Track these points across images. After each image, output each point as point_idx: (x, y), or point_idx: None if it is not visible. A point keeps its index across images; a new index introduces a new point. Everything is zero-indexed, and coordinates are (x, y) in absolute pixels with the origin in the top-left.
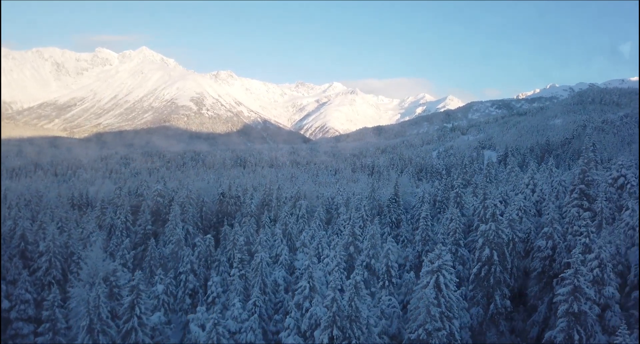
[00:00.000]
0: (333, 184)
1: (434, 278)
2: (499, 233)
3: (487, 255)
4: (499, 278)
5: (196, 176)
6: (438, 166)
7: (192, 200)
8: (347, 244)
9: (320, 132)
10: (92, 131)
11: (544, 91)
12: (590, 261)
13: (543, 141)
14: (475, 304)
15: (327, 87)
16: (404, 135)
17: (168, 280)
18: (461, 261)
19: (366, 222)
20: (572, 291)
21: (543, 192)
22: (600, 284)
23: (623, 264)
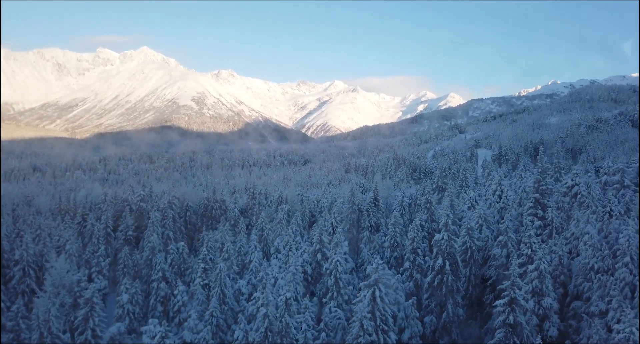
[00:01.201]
0: (324, 186)
1: (370, 292)
2: (451, 243)
3: (440, 264)
4: (452, 286)
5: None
6: (432, 166)
7: (175, 205)
8: (315, 252)
9: (322, 131)
10: (94, 131)
11: (545, 87)
12: (530, 272)
13: (537, 139)
14: (429, 313)
15: (328, 86)
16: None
17: (133, 289)
18: (419, 270)
19: (336, 228)
20: (509, 303)
21: (508, 198)
22: (539, 295)
23: (565, 275)
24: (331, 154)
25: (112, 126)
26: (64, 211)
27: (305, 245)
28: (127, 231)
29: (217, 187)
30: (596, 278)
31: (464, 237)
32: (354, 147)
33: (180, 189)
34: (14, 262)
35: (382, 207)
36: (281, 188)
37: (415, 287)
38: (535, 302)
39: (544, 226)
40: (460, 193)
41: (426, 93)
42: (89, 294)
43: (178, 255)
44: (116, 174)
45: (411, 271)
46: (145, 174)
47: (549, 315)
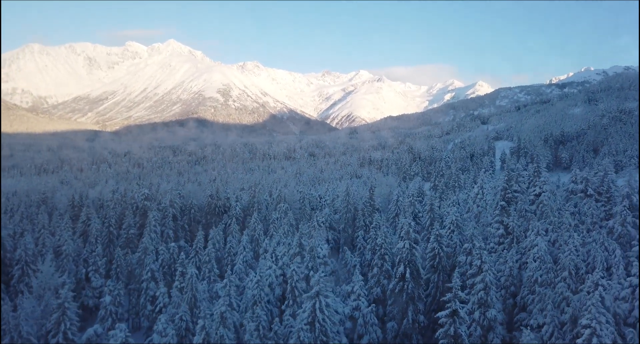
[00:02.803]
0: (335, 181)
1: (311, 303)
2: (412, 251)
3: (401, 272)
4: (412, 294)
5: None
6: (448, 159)
7: (176, 204)
8: (294, 255)
9: (346, 121)
10: (123, 123)
11: (577, 75)
12: (477, 283)
13: (558, 132)
14: (392, 319)
15: (353, 76)
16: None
17: (116, 291)
18: (387, 275)
19: (318, 232)
20: (450, 314)
21: (486, 203)
22: (485, 306)
23: (516, 286)
24: (351, 146)
25: (141, 118)
26: (77, 208)
27: (283, 248)
28: (129, 230)
29: (229, 181)
30: (537, 291)
31: (432, 243)
32: (375, 138)
33: (187, 186)
34: (15, 261)
35: (380, 205)
36: (292, 183)
37: (383, 293)
38: (481, 313)
39: (506, 234)
40: (458, 192)
41: (453, 82)
42: (61, 300)
43: (169, 255)
44: (140, 167)
45: (378, 277)
46: (169, 167)
47: (494, 326)
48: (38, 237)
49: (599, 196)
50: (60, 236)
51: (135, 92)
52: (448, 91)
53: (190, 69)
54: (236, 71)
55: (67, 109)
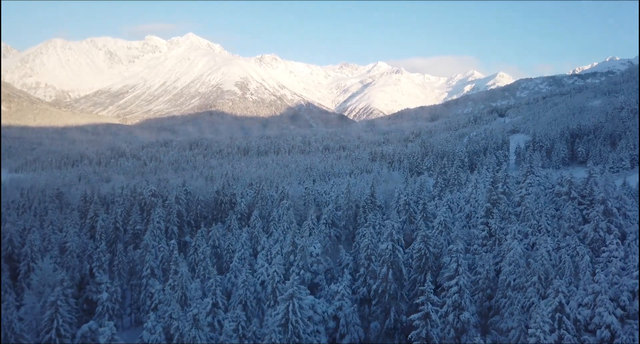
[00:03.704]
0: (345, 176)
1: (284, 305)
2: (395, 252)
3: (384, 273)
4: (394, 294)
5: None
6: (460, 154)
7: (182, 201)
8: (288, 254)
9: (364, 114)
10: (143, 117)
11: (601, 64)
12: (452, 286)
13: (574, 125)
14: (375, 319)
15: (371, 67)
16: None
17: (113, 288)
18: (373, 276)
19: (312, 230)
20: (423, 317)
21: (478, 203)
22: (459, 309)
23: (492, 288)
24: (366, 139)
25: (161, 112)
26: (88, 204)
27: (278, 246)
28: (135, 226)
29: (241, 176)
30: (508, 295)
31: (419, 244)
32: (390, 132)
33: (195, 182)
34: (23, 257)
35: (384, 202)
36: (303, 177)
37: (369, 293)
38: (455, 315)
39: (489, 236)
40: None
41: (473, 73)
42: (54, 297)
43: (169, 252)
44: (157, 161)
45: (365, 277)
46: (185, 161)
47: (467, 329)
48: (44, 233)
49: (582, 199)
50: (67, 232)
51: (155, 86)
52: (468, 82)
53: (208, 62)
54: (254, 64)
55: (88, 103)
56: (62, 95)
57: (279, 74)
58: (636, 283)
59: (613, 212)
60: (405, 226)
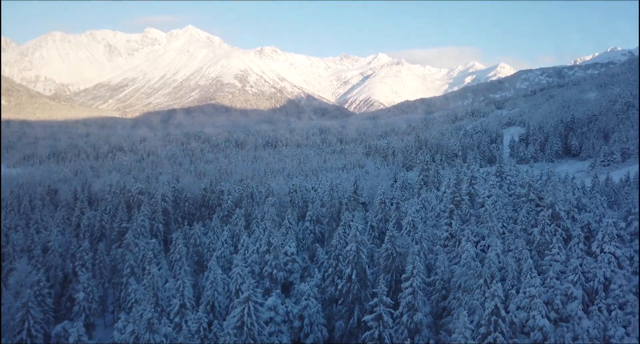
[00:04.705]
0: (338, 171)
1: (240, 309)
2: (359, 253)
3: (348, 273)
4: (358, 294)
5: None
6: (454, 147)
7: (169, 198)
8: (263, 253)
9: (364, 106)
10: (143, 110)
11: (602, 55)
12: (406, 288)
13: (568, 118)
14: (340, 318)
15: (371, 59)
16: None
17: (90, 288)
18: (340, 275)
19: (289, 229)
20: (376, 318)
21: None
22: (413, 309)
23: (447, 289)
24: (363, 132)
25: (160, 105)
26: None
27: (254, 246)
28: (121, 224)
29: (234, 171)
30: (458, 297)
31: (387, 244)
32: (388, 124)
33: (185, 178)
34: (6, 257)
35: (367, 199)
36: (296, 172)
37: (336, 292)
38: (408, 316)
39: (450, 237)
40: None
41: (474, 64)
42: (25, 299)
43: (149, 251)
44: (155, 155)
45: (333, 277)
46: (182, 155)
47: (420, 329)
48: (30, 233)
49: (539, 200)
50: (51, 231)
51: (155, 79)
52: (469, 73)
53: (208, 54)
54: (254, 56)
55: (88, 97)
56: (62, 88)
57: (279, 66)
58: (569, 287)
59: (560, 216)
60: (381, 224)
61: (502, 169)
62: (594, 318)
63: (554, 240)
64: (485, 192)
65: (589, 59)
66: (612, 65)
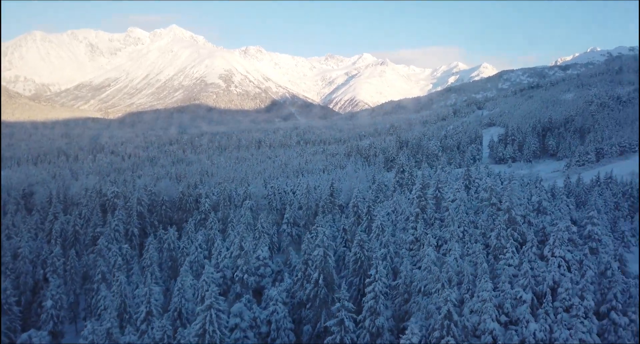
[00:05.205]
0: (319, 172)
1: (202, 316)
2: (326, 258)
3: (316, 278)
4: (325, 299)
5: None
6: (435, 148)
7: (144, 202)
8: (236, 257)
9: (349, 106)
10: (126, 110)
11: (582, 56)
12: (369, 292)
13: (546, 119)
14: (308, 322)
15: (356, 59)
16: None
17: (58, 295)
18: (308, 280)
19: (262, 234)
20: (338, 323)
21: None
22: (375, 314)
23: (409, 293)
24: (347, 132)
25: (143, 105)
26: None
27: (226, 251)
28: (96, 228)
29: (216, 173)
30: (417, 301)
31: (355, 248)
32: (371, 125)
33: (163, 181)
34: None
35: (344, 201)
36: (277, 174)
37: (305, 296)
38: (371, 320)
39: (415, 241)
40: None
41: (458, 64)
42: None
43: (121, 256)
44: (136, 157)
45: (302, 281)
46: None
47: (382, 333)
48: None
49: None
50: (22, 236)
51: (138, 79)
52: (452, 73)
53: (192, 54)
54: (238, 56)
55: (69, 97)
56: (42, 89)
57: (264, 66)
58: (519, 291)
59: (517, 221)
60: (353, 227)
61: (469, 172)
62: (541, 321)
63: (508, 245)
64: (451, 196)
65: (569, 59)
66: (591, 65)
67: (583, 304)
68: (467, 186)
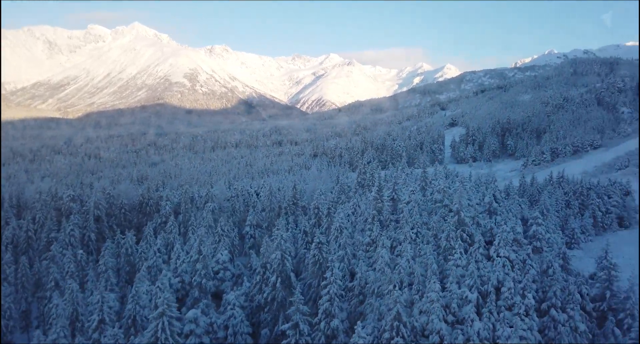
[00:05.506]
0: (284, 173)
1: (154, 324)
2: (284, 261)
3: (273, 281)
4: (282, 302)
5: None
6: (399, 148)
7: (102, 206)
8: (194, 262)
9: (317, 106)
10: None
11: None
12: (324, 294)
13: (505, 119)
14: (266, 326)
15: (323, 59)
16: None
17: (7, 304)
18: (267, 283)
19: (222, 237)
20: (293, 327)
21: None
22: (330, 316)
23: (364, 295)
24: (314, 133)
25: (105, 105)
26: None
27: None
28: (50, 234)
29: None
30: (370, 302)
31: (314, 250)
32: (337, 125)
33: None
34: None
35: (307, 202)
36: (242, 175)
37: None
38: (326, 323)
39: (371, 242)
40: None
41: (422, 65)
42: None
43: (76, 262)
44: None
45: (261, 285)
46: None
47: (337, 334)
48: None
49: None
50: None
51: (99, 78)
52: (417, 74)
53: (156, 53)
54: (204, 55)
55: (26, 96)
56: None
57: (230, 65)
58: (464, 291)
59: (466, 222)
60: (314, 229)
61: (426, 174)
62: (485, 320)
63: (457, 246)
64: (406, 198)
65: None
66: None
67: (524, 303)
68: (423, 187)
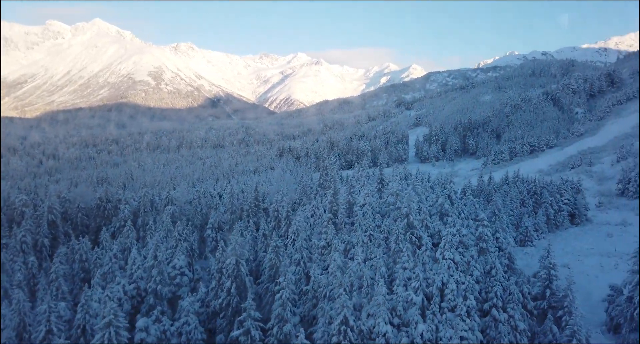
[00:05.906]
0: (249, 174)
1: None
2: (239, 266)
3: (228, 287)
4: (237, 308)
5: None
6: (364, 148)
7: (57, 210)
8: (149, 268)
9: (285, 105)
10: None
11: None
12: (277, 299)
13: (466, 120)
14: (221, 332)
15: (291, 58)
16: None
17: None
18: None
19: (180, 241)
20: (245, 333)
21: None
22: (283, 321)
23: (317, 298)
24: (281, 132)
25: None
26: None
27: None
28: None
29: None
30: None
31: (270, 254)
32: (304, 124)
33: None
34: None
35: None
36: (206, 176)
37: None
38: (278, 328)
39: (327, 246)
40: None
41: (389, 65)
42: None
43: (26, 270)
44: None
45: (216, 290)
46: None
47: (290, 339)
48: None
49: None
50: None
51: (58, 75)
52: (384, 74)
53: (118, 50)
54: (168, 53)
55: None
56: None
57: (196, 63)
58: (410, 294)
59: (414, 225)
60: (274, 232)
61: (382, 176)
62: (429, 322)
63: (405, 248)
64: (361, 200)
65: (490, 62)
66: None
67: (466, 304)
68: (379, 189)
